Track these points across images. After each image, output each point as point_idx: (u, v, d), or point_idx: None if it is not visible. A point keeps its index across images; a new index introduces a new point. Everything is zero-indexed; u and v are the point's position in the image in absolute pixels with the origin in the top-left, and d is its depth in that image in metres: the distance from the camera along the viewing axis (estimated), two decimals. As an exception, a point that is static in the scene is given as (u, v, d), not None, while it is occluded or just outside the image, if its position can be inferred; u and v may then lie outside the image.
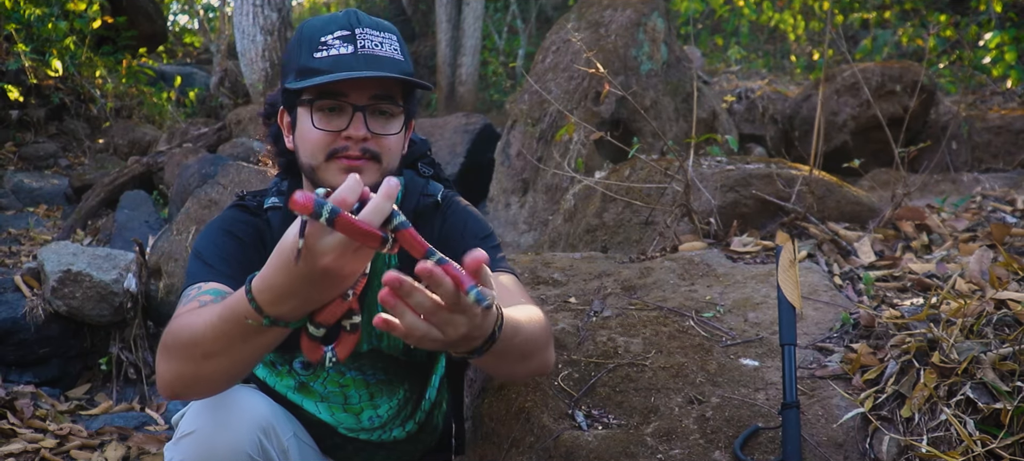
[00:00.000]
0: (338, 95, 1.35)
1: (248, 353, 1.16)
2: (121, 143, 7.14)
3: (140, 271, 3.65)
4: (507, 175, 4.52)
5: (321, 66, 1.34)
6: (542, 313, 1.36)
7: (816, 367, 1.73)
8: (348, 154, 1.36)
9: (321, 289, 1.05)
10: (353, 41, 1.34)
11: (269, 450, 1.37)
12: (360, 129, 1.35)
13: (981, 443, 1.36)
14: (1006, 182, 3.66)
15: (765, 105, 5.66)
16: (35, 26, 7.02)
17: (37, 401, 3.21)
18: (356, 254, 1.01)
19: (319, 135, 1.37)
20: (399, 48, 1.40)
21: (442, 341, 1.03)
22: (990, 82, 6.28)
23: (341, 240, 0.98)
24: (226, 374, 1.20)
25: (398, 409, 1.63)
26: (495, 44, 10.44)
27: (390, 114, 1.40)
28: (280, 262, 1.04)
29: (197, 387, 1.23)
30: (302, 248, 1.00)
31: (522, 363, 1.32)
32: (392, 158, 1.41)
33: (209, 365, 1.16)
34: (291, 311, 1.07)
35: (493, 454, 1.69)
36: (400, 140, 1.43)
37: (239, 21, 6.84)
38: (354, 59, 1.34)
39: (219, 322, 1.12)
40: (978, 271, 2.03)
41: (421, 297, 0.99)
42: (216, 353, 1.14)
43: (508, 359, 1.25)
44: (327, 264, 1.00)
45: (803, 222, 2.70)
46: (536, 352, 1.33)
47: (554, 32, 4.82)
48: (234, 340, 1.12)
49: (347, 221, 0.97)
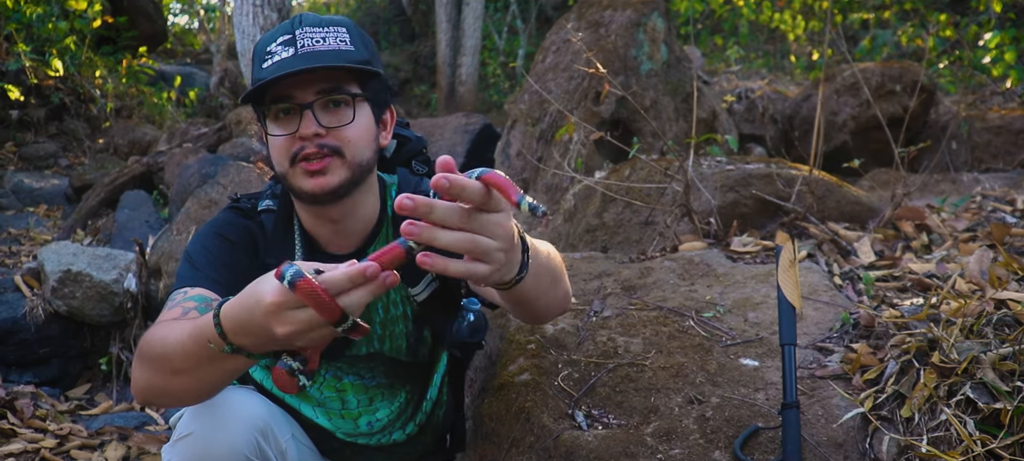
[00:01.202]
0: (285, 98, 1.35)
1: (215, 375, 1.15)
2: (121, 143, 7.15)
3: (140, 271, 3.65)
4: (507, 175, 4.52)
5: (266, 75, 1.34)
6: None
7: (816, 367, 1.73)
8: (306, 153, 1.35)
9: (279, 345, 1.04)
10: (293, 44, 1.34)
11: (267, 451, 1.37)
12: (310, 126, 1.34)
13: (981, 443, 1.36)
14: (1006, 182, 3.66)
15: (765, 105, 5.67)
16: (35, 26, 7.02)
17: (37, 401, 3.21)
18: (320, 336, 1.00)
19: (278, 141, 1.37)
20: (348, 38, 1.38)
21: (490, 252, 0.98)
22: (990, 82, 6.28)
23: (303, 318, 0.97)
24: (193, 391, 1.20)
25: (398, 412, 1.63)
26: (495, 44, 10.44)
27: (343, 104, 1.38)
28: (247, 303, 1.03)
29: (166, 398, 1.26)
30: (271, 306, 0.98)
31: (553, 287, 1.32)
32: (356, 149, 1.38)
33: (177, 381, 1.17)
34: (253, 346, 1.06)
35: (493, 454, 1.69)
36: (362, 130, 1.39)
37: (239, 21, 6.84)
38: (294, 60, 1.33)
39: (189, 341, 1.12)
40: (978, 271, 2.03)
41: (443, 210, 0.95)
42: (184, 371, 1.15)
43: (543, 281, 1.25)
44: (284, 334, 0.99)
45: (803, 222, 2.70)
46: (560, 274, 1.35)
47: (554, 32, 4.82)
48: (201, 361, 1.12)
49: (308, 286, 0.95)
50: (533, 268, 1.15)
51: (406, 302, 1.53)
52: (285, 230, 1.49)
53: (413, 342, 1.56)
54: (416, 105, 10.36)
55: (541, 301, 1.31)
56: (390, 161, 1.62)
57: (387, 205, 1.53)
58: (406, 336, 1.55)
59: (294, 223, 1.49)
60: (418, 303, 1.50)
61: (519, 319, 1.66)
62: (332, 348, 1.54)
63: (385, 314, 1.54)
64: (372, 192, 1.47)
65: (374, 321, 1.53)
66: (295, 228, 1.49)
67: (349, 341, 1.52)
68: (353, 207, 1.44)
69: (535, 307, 1.33)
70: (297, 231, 1.49)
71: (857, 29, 9.09)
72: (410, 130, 1.67)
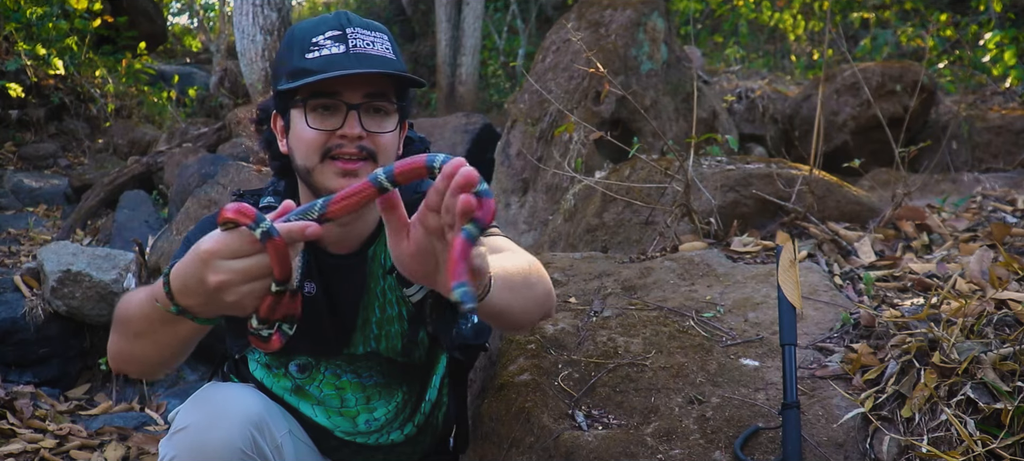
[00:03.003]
0: (332, 94, 1.35)
1: (171, 339, 1.18)
2: (121, 143, 7.15)
3: (140, 271, 3.65)
4: (507, 175, 4.52)
5: (313, 66, 1.33)
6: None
7: (816, 367, 1.73)
8: (344, 152, 1.35)
9: (216, 301, 1.04)
10: (344, 41, 1.34)
11: (262, 446, 1.37)
12: (355, 128, 1.35)
13: (981, 443, 1.35)
14: (1006, 182, 3.66)
15: (765, 105, 5.66)
16: (35, 26, 7.02)
17: (37, 401, 3.21)
18: (249, 291, 1.01)
19: (314, 135, 1.36)
20: (390, 47, 1.40)
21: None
22: (990, 82, 6.28)
23: (238, 267, 0.99)
24: (154, 356, 1.24)
25: (396, 412, 1.62)
26: (495, 44, 10.44)
27: (385, 112, 1.39)
28: (188, 257, 1.04)
29: (131, 364, 1.30)
30: (204, 253, 1.00)
31: (524, 293, 1.31)
32: (387, 157, 1.40)
33: (138, 345, 1.21)
34: (198, 307, 1.07)
35: (493, 454, 1.69)
36: (395, 138, 1.43)
37: (239, 21, 6.84)
38: (346, 58, 1.33)
39: (145, 302, 1.15)
40: (978, 271, 2.03)
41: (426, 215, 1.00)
42: (142, 333, 1.18)
43: (515, 294, 1.26)
44: (215, 283, 1.00)
45: (803, 222, 2.69)
46: (531, 279, 1.33)
47: (554, 32, 4.82)
48: (154, 323, 1.14)
49: (279, 244, 0.98)
50: (497, 284, 1.16)
51: (402, 303, 1.53)
52: None
53: (407, 343, 1.56)
54: (416, 105, 10.32)
55: (515, 309, 1.31)
56: None
57: None
58: (401, 336, 1.55)
59: None
60: (413, 304, 1.50)
61: (503, 330, 1.68)
62: (330, 347, 1.54)
63: (381, 314, 1.54)
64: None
65: (371, 321, 1.53)
66: None
67: (347, 340, 1.53)
68: (360, 211, 1.44)
69: (512, 317, 1.32)
70: None
71: (857, 29, 9.10)
72: (413, 131, 1.67)
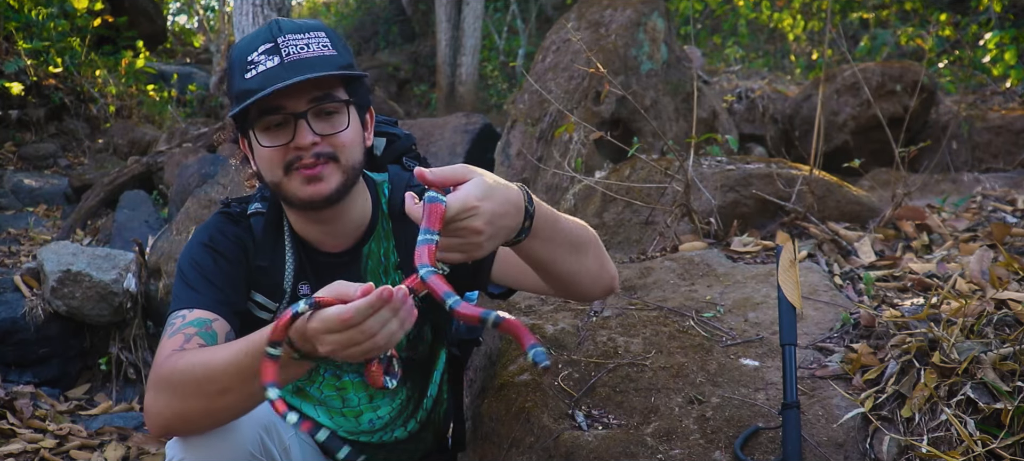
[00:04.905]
0: (276, 110, 1.33)
1: (258, 389, 1.18)
2: (121, 143, 7.14)
3: (140, 271, 3.65)
4: (507, 175, 4.52)
5: (252, 86, 1.32)
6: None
7: (816, 367, 1.73)
8: (303, 163, 1.34)
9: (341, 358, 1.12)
10: (277, 52, 1.32)
11: (271, 448, 1.38)
12: (306, 137, 1.33)
13: (981, 443, 1.35)
14: (1006, 182, 3.66)
15: (765, 105, 5.66)
16: (35, 25, 7.02)
17: (37, 401, 3.21)
18: (349, 350, 1.10)
19: (270, 153, 1.35)
20: (330, 43, 1.37)
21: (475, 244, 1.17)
22: (990, 82, 6.28)
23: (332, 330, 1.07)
24: (237, 409, 1.24)
25: (400, 409, 1.63)
26: (495, 44, 10.44)
27: (334, 111, 1.37)
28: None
29: (202, 422, 1.26)
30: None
31: (573, 256, 1.37)
32: (350, 153, 1.38)
33: (223, 400, 1.20)
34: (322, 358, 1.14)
35: (493, 454, 1.69)
36: (354, 133, 1.40)
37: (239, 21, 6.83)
38: (282, 70, 1.31)
39: (243, 357, 1.16)
40: (978, 271, 2.03)
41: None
42: (232, 389, 1.19)
43: (558, 247, 1.32)
44: (326, 352, 1.09)
45: (803, 222, 2.69)
46: (584, 245, 1.39)
47: (554, 32, 4.82)
48: (253, 375, 1.15)
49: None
50: (542, 231, 1.25)
51: None
52: (275, 232, 1.49)
53: (413, 338, 1.57)
54: (416, 105, 10.34)
55: (560, 266, 1.36)
56: (380, 159, 1.61)
57: (381, 203, 1.53)
58: (406, 332, 1.55)
59: (284, 225, 1.49)
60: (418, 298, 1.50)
61: (555, 294, 1.61)
62: None
63: None
64: (361, 192, 1.48)
65: None
66: (285, 230, 1.49)
67: None
68: (344, 209, 1.44)
69: (557, 273, 1.37)
70: (287, 233, 1.49)
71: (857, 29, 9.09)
72: (398, 128, 1.66)
